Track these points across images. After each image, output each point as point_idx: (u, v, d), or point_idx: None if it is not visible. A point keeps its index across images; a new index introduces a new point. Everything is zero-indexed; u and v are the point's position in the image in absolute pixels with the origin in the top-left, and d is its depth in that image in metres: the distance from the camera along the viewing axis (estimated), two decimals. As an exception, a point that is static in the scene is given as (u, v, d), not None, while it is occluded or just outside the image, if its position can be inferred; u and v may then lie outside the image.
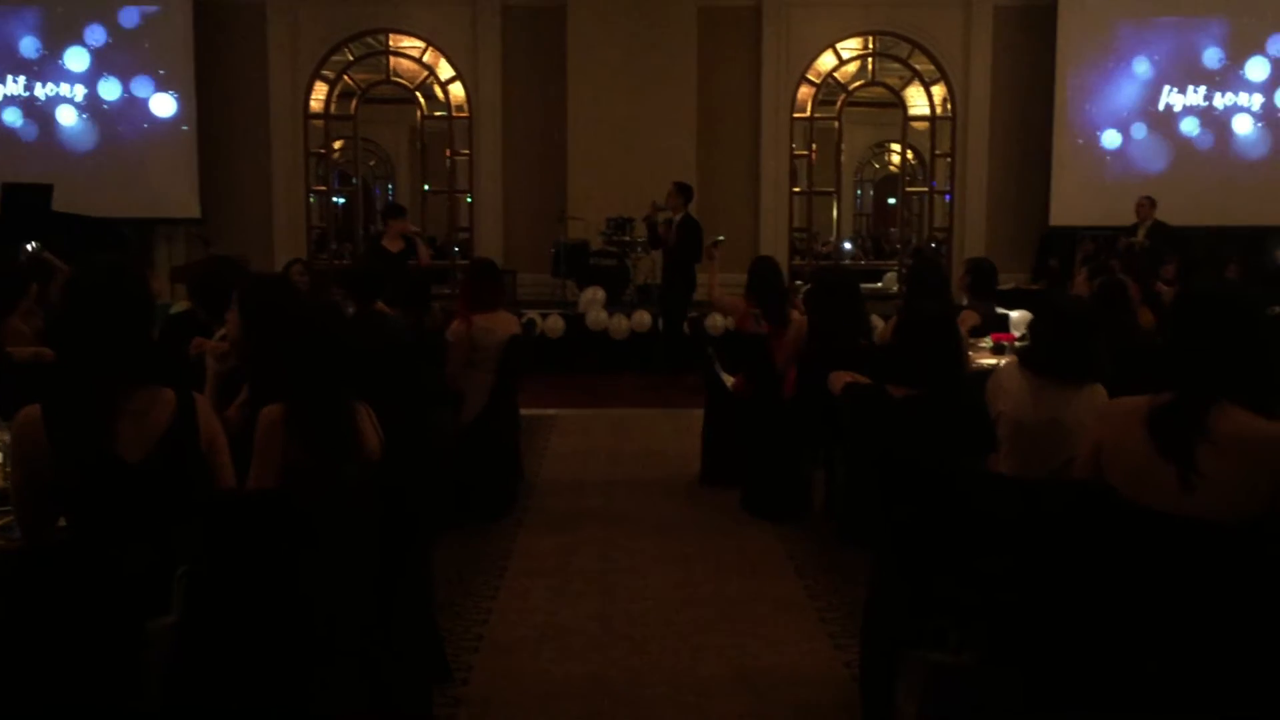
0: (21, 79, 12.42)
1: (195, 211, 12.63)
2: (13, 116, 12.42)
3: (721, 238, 8.84)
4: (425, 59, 13.32)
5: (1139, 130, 12.98)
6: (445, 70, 13.26)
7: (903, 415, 3.50)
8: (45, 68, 12.44)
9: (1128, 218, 11.54)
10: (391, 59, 13.42)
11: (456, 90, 13.28)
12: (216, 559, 2.43)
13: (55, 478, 2.58)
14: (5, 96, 12.41)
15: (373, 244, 9.64)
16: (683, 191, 10.42)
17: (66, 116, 12.50)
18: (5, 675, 2.45)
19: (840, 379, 4.12)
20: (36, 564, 2.59)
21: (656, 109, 12.44)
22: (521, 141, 13.08)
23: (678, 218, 10.29)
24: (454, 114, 13.41)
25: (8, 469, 3.18)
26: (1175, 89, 12.91)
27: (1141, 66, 12.91)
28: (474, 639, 4.16)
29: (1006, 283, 12.04)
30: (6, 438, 3.18)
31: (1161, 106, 12.93)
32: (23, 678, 2.45)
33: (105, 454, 2.59)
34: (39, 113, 12.47)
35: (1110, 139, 13.02)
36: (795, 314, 5.97)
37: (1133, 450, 2.61)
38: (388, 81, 13.56)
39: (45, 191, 11.10)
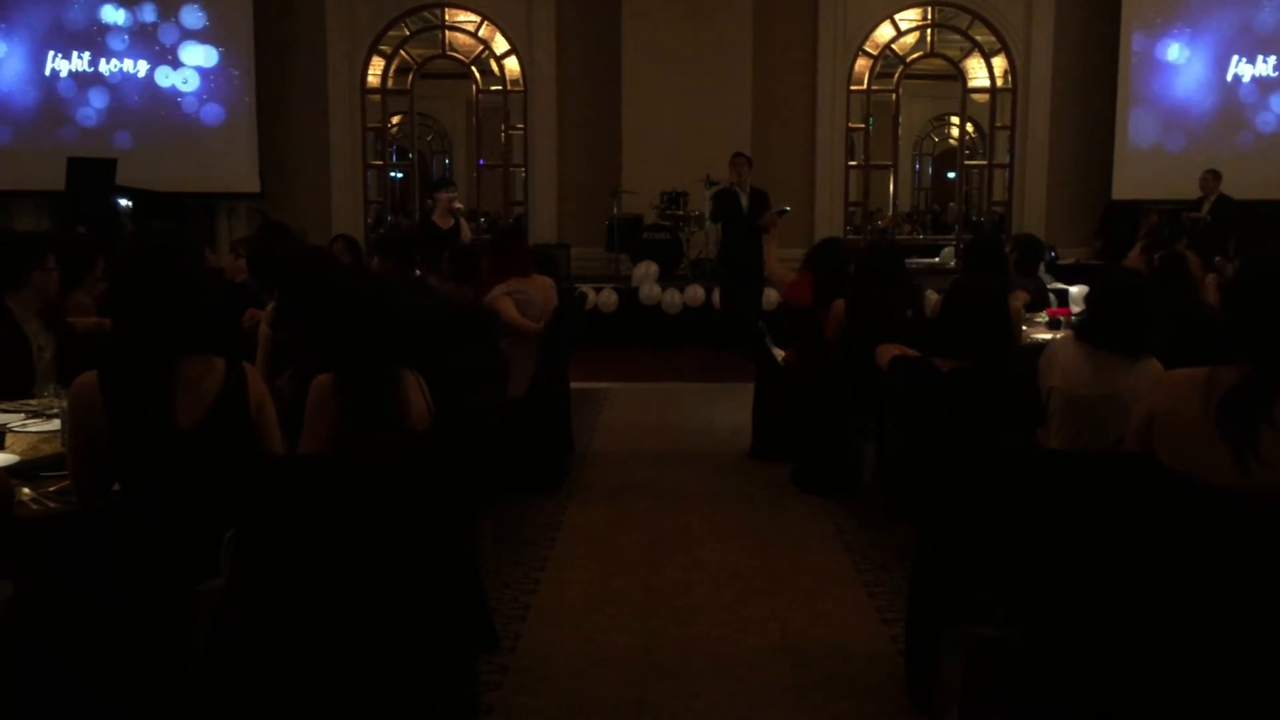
0: (86, 55, 12.62)
1: (255, 186, 12.77)
2: (76, 92, 12.62)
3: (787, 208, 8.68)
4: (481, 33, 13.35)
5: (1205, 101, 12.67)
6: (501, 44, 13.29)
7: (948, 388, 3.47)
8: (108, 44, 12.62)
9: (1192, 191, 11.29)
10: (447, 33, 13.46)
11: (512, 64, 13.31)
12: (264, 523, 2.47)
13: (110, 443, 2.64)
14: (70, 72, 12.62)
15: (423, 219, 9.65)
16: (751, 162, 10.22)
17: (129, 92, 12.68)
18: (58, 635, 2.52)
19: (887, 351, 4.09)
20: (90, 527, 2.65)
21: (711, 82, 12.36)
22: (576, 115, 13.06)
23: (747, 189, 10.12)
24: (509, 88, 13.44)
25: (65, 435, 3.27)
26: (1244, 59, 12.57)
27: (1209, 36, 12.58)
28: (522, 608, 4.20)
29: (1067, 257, 11.88)
30: (65, 404, 3.27)
31: (1230, 77, 12.61)
32: (75, 638, 2.52)
33: (159, 420, 2.65)
34: (102, 88, 12.66)
35: (1176, 111, 12.71)
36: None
37: (1187, 424, 2.53)
38: (444, 56, 13.62)
39: (109, 166, 11.30)
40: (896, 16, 13.14)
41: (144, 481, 2.66)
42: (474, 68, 13.68)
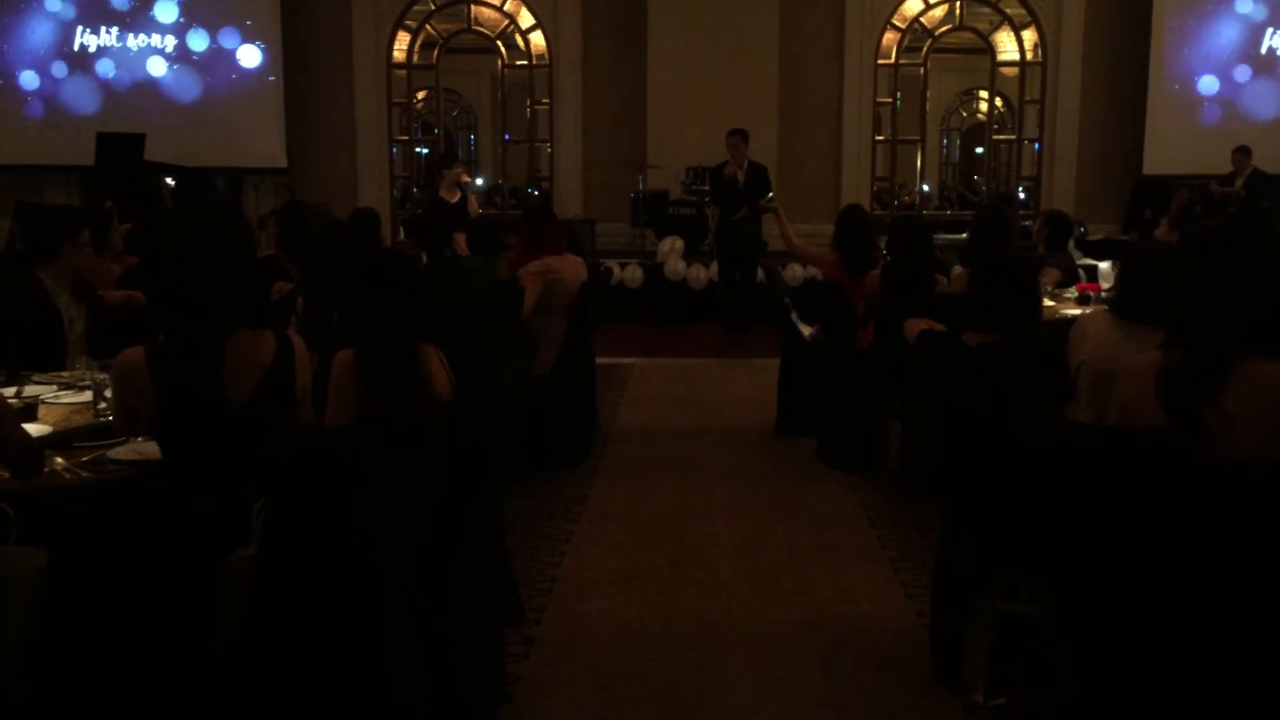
0: (114, 30, 12.67)
1: (282, 161, 12.82)
2: (105, 68, 12.68)
3: (771, 194, 8.64)
4: (506, 8, 13.31)
5: (1239, 75, 12.49)
6: (526, 19, 13.25)
7: (978, 363, 3.45)
8: (136, 19, 12.66)
9: (1225, 166, 11.17)
10: (473, 8, 13.43)
11: (537, 39, 13.26)
12: (292, 495, 2.48)
13: (158, 418, 2.65)
14: (98, 48, 12.68)
15: (431, 195, 9.70)
16: (747, 138, 10.08)
17: (157, 68, 12.73)
18: (91, 603, 2.55)
19: (915, 326, 4.07)
20: (123, 496, 2.68)
21: (737, 57, 12.28)
22: (601, 90, 13.02)
23: (744, 166, 10.07)
24: (534, 63, 13.40)
25: (100, 406, 3.30)
26: (1278, 31, 12.38)
27: (1243, 7, 12.39)
28: (547, 581, 4.22)
29: (1096, 233, 11.77)
30: (101, 377, 3.30)
31: (1264, 49, 12.42)
32: (108, 606, 2.55)
33: (212, 396, 2.66)
34: (131, 64, 12.71)
35: (1208, 84, 12.55)
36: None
37: (1152, 411, 2.55)
38: (469, 30, 13.59)
39: (137, 141, 11.36)
40: (925, -11, 13.02)
41: (192, 455, 2.68)
42: (499, 42, 13.66)
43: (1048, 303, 5.59)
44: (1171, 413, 2.50)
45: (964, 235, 13.39)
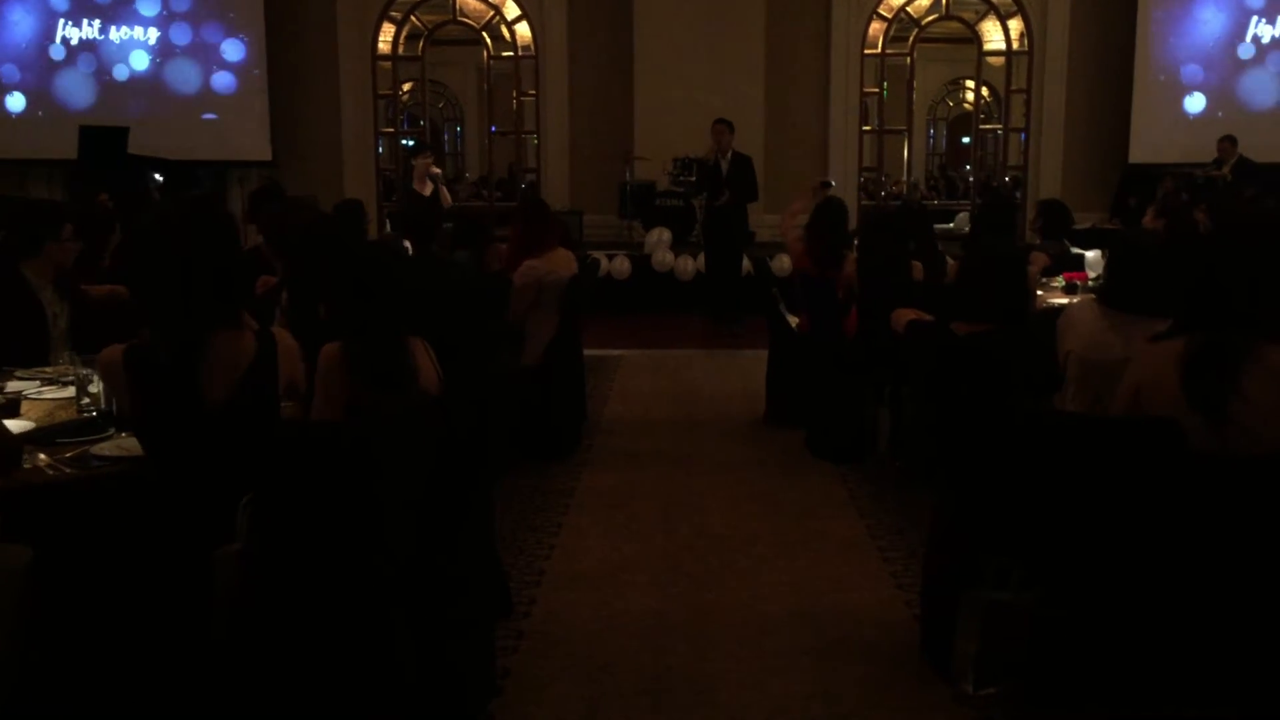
0: (96, 23, 12.58)
1: (267, 154, 12.73)
2: (88, 61, 12.59)
3: (833, 182, 8.52)
4: (491, -1, 13.27)
5: (1224, 64, 12.50)
6: (511, 10, 13.19)
7: (967, 353, 3.44)
8: (119, 12, 12.57)
9: (1210, 155, 11.19)
10: (458, -1, 13.38)
11: (523, 30, 13.21)
12: (282, 489, 2.47)
13: (138, 417, 2.63)
14: (81, 40, 12.59)
15: (405, 189, 9.60)
16: (732, 128, 10.08)
17: (140, 61, 12.64)
18: (79, 600, 2.53)
19: (904, 316, 4.07)
20: (106, 493, 2.66)
21: (724, 47, 12.26)
22: (588, 81, 12.96)
23: (728, 156, 10.07)
24: (520, 54, 13.34)
25: (83, 402, 3.27)
26: (1264, 19, 12.40)
27: (1228, -5, 12.43)
28: (536, 574, 4.21)
29: (1083, 222, 11.75)
30: (84, 372, 3.28)
31: (1249, 38, 12.44)
32: (95, 603, 2.53)
33: (190, 397, 2.63)
34: (114, 57, 12.62)
35: (1194, 73, 12.55)
36: (850, 254, 5.87)
37: (1170, 394, 2.55)
38: (454, 22, 13.51)
39: (121, 134, 11.29)
40: (912, -22, 13.00)
41: (173, 454, 2.65)
42: (485, 33, 13.59)
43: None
44: (1194, 398, 2.50)
45: (951, 225, 13.53)
